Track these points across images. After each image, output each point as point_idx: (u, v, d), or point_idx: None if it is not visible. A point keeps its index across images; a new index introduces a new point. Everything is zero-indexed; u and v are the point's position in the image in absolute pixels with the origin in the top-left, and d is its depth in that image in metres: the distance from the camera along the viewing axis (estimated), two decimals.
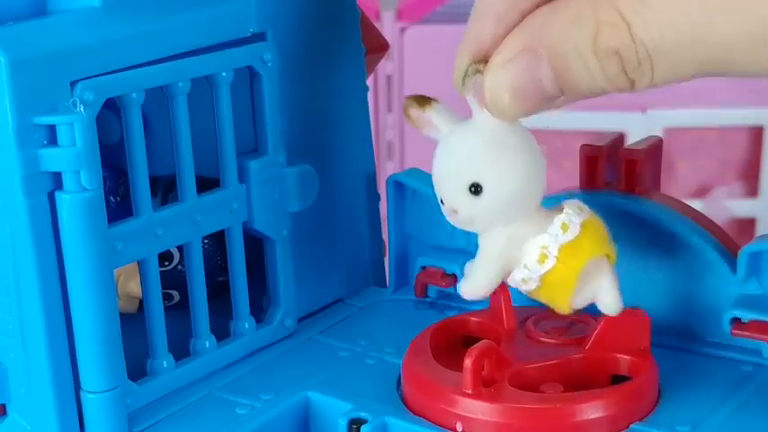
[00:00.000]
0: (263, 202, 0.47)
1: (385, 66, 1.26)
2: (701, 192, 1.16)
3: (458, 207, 0.41)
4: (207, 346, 0.46)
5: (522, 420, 0.41)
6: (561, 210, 0.41)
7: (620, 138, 0.51)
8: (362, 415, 0.42)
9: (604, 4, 0.35)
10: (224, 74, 0.45)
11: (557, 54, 0.36)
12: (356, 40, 0.52)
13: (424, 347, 0.45)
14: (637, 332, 0.44)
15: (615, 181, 0.49)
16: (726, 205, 1.15)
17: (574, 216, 0.41)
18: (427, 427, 0.42)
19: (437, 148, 0.41)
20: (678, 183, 1.16)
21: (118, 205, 0.50)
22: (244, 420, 0.43)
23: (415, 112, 0.41)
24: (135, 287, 0.50)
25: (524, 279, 0.41)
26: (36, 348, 0.41)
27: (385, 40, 0.56)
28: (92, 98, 0.40)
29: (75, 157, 0.39)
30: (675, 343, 0.48)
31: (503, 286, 0.46)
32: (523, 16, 0.37)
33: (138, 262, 0.44)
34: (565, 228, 0.41)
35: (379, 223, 0.55)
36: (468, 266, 0.43)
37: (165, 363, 0.45)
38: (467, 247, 0.52)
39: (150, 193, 0.43)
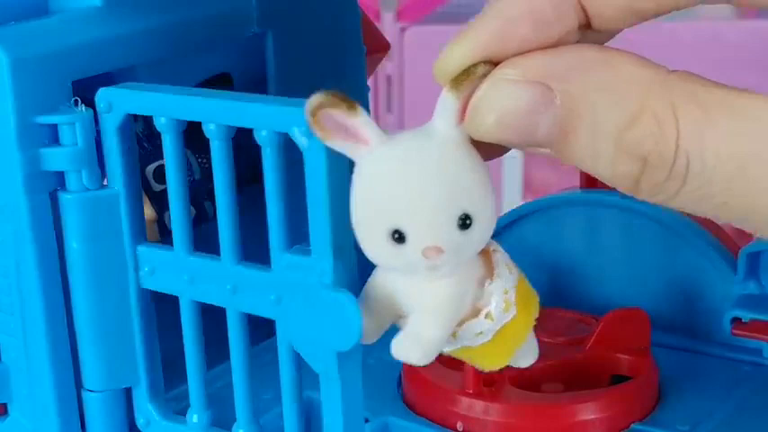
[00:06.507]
0: None
1: (385, 66, 1.26)
2: None
3: (444, 244, 0.29)
4: None
5: (523, 420, 0.41)
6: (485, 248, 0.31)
7: None
8: (364, 414, 0.42)
9: (658, 91, 0.27)
10: None
11: (572, 111, 0.28)
12: (357, 41, 0.52)
13: None
14: (637, 332, 0.44)
15: None
16: None
17: (506, 255, 0.32)
18: (428, 427, 0.42)
19: (373, 166, 0.30)
20: None
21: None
22: None
23: (336, 114, 0.30)
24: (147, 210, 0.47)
25: (482, 332, 0.32)
26: (37, 347, 0.41)
27: (386, 40, 0.56)
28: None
29: (76, 156, 0.39)
30: (676, 343, 0.48)
31: None
32: (563, 34, 0.29)
33: None
34: (510, 269, 0.32)
35: None
36: (365, 318, 0.32)
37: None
38: None
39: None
